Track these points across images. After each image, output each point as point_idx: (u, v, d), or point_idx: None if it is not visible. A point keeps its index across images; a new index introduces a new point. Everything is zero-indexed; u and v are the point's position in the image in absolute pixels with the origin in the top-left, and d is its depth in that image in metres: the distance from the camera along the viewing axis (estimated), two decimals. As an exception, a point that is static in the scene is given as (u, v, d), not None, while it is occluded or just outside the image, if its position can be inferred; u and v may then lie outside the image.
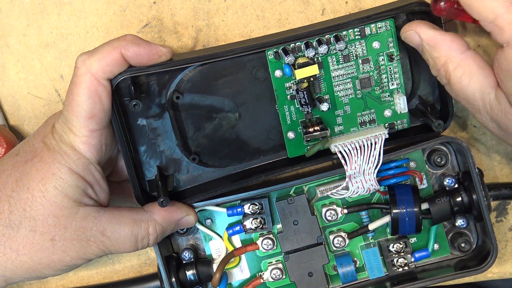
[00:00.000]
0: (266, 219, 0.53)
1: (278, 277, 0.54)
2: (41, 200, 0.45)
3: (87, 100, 0.45)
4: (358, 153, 0.50)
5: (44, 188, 0.45)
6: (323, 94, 0.51)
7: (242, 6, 0.54)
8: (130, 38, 0.46)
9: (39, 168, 0.45)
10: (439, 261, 0.55)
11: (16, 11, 0.54)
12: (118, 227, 0.47)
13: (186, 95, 0.51)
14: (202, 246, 0.55)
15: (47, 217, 0.45)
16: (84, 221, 0.46)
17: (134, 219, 0.48)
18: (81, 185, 0.46)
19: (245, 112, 0.52)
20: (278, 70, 0.50)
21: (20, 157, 0.46)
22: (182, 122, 0.51)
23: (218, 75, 0.50)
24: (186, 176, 0.53)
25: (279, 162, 0.53)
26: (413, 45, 0.47)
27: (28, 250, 0.45)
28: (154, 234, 0.49)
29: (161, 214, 0.49)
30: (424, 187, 0.54)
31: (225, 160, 0.53)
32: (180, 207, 0.51)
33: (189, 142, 0.52)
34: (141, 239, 0.48)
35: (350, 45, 0.50)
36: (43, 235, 0.45)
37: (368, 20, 0.48)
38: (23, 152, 0.47)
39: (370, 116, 0.52)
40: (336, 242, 0.54)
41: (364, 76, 0.50)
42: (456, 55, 0.45)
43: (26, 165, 0.46)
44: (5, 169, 0.46)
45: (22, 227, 0.45)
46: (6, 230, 0.45)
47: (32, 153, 0.46)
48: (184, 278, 0.53)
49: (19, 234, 0.45)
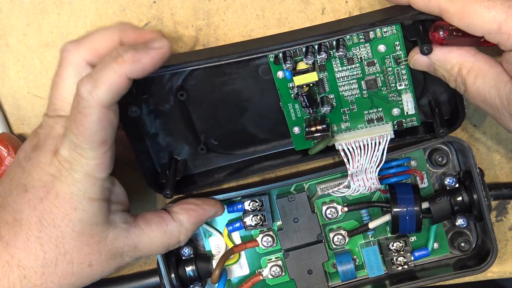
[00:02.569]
0: (266, 216, 0.53)
1: (277, 274, 0.54)
2: (70, 235, 0.44)
3: (100, 130, 0.43)
4: (361, 152, 0.50)
5: (70, 223, 0.44)
6: (328, 94, 0.50)
7: (242, 6, 0.53)
8: (130, 58, 0.42)
9: (58, 205, 0.44)
10: (439, 260, 0.55)
11: (16, 11, 0.54)
12: (149, 241, 0.47)
13: (191, 91, 0.51)
14: (201, 242, 0.55)
15: (80, 249, 0.45)
16: (115, 242, 0.46)
17: (164, 232, 0.48)
18: (104, 207, 0.45)
19: (251, 106, 0.52)
20: (280, 71, 0.50)
21: (32, 195, 0.45)
22: (190, 115, 0.52)
23: (222, 72, 0.50)
24: (194, 164, 0.54)
25: (287, 152, 0.53)
26: (424, 68, 0.47)
27: (69, 280, 0.45)
28: (185, 240, 0.49)
29: (190, 221, 0.49)
30: (424, 186, 0.54)
31: (233, 150, 0.53)
32: (206, 208, 0.50)
33: (197, 133, 0.52)
34: (172, 246, 0.49)
35: (354, 48, 0.49)
36: (81, 264, 0.45)
37: (372, 27, 0.47)
38: (31, 188, 0.45)
39: (377, 114, 0.51)
40: (336, 240, 0.54)
41: (370, 78, 0.50)
42: (467, 59, 0.44)
43: (43, 203, 0.44)
44: (21, 209, 0.44)
45: (59, 263, 0.45)
46: (45, 269, 0.44)
47: (43, 188, 0.44)
48: (183, 274, 0.53)
49: (58, 270, 0.45)
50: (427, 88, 0.52)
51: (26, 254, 0.44)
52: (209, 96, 0.51)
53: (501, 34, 0.41)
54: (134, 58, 0.42)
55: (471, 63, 0.44)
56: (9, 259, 0.44)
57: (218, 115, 0.52)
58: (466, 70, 0.45)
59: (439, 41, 0.44)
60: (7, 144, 0.52)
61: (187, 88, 0.51)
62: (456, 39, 0.44)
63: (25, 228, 0.44)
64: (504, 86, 0.43)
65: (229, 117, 0.52)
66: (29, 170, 0.45)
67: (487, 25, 0.41)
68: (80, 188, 0.44)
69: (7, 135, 0.54)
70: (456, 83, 0.46)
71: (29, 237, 0.44)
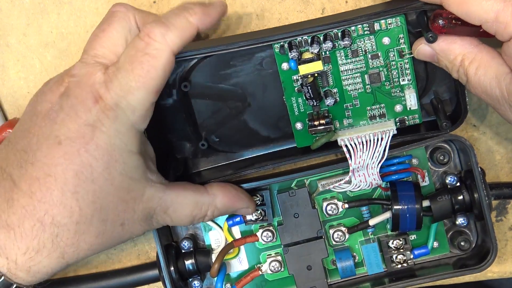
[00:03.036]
0: (266, 211, 0.53)
1: (276, 270, 0.54)
2: (108, 189, 0.43)
3: (162, 75, 0.42)
4: (364, 148, 0.50)
5: (109, 176, 0.42)
6: (331, 88, 0.51)
7: (242, 6, 0.53)
8: (200, 10, 0.44)
9: (98, 157, 0.42)
10: (438, 259, 0.55)
11: (16, 11, 0.54)
12: (180, 207, 0.47)
13: (194, 83, 0.51)
14: (201, 236, 0.55)
15: (116, 205, 0.43)
16: (150, 202, 0.45)
17: (196, 202, 0.47)
18: (142, 163, 0.44)
19: (254, 101, 0.52)
20: (285, 63, 0.50)
21: (68, 147, 0.42)
22: (192, 108, 0.51)
23: (226, 65, 0.50)
24: (196, 161, 0.53)
25: (288, 151, 0.53)
26: (428, 58, 0.47)
27: (100, 240, 0.44)
28: (211, 216, 0.49)
29: (223, 201, 0.49)
30: (425, 184, 0.54)
31: (234, 147, 0.53)
32: (242, 198, 0.50)
33: (199, 128, 0.52)
34: (197, 219, 0.48)
35: (359, 40, 0.49)
36: (114, 222, 0.44)
37: (377, 16, 0.48)
38: (66, 139, 0.42)
39: (380, 110, 0.51)
40: (336, 236, 0.54)
41: (373, 71, 0.50)
42: (470, 50, 0.45)
43: (80, 156, 0.42)
44: (55, 163, 0.42)
45: (94, 220, 0.43)
46: (79, 226, 0.43)
47: (81, 139, 0.42)
48: (182, 267, 0.53)
49: (92, 228, 0.43)
50: (429, 87, 0.52)
51: (60, 210, 0.42)
52: (212, 90, 0.51)
53: (498, 23, 0.41)
54: (203, 11, 0.44)
55: (474, 54, 0.45)
56: (41, 217, 0.42)
57: (221, 110, 0.52)
58: (469, 61, 0.45)
59: (438, 29, 0.45)
60: None
61: (191, 79, 0.50)
62: (455, 28, 0.44)
63: (60, 182, 0.42)
64: (505, 77, 0.44)
65: (231, 112, 0.52)
66: (63, 120, 0.42)
67: (485, 13, 0.41)
68: (122, 140, 0.42)
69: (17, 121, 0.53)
70: (458, 73, 0.46)
71: (64, 192, 0.42)
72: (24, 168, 0.43)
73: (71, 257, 0.44)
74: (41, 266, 0.43)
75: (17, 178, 0.43)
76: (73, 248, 0.43)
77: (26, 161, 0.43)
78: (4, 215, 0.42)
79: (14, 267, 0.42)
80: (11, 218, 0.42)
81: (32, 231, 0.42)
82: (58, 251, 0.43)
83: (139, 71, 0.41)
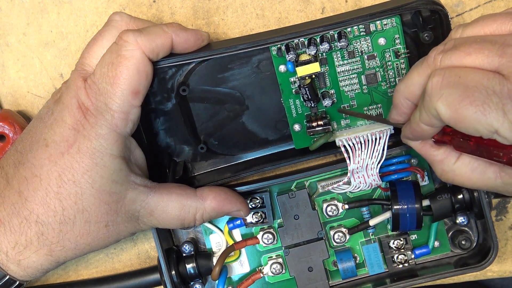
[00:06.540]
0: (267, 213, 0.53)
1: (278, 272, 0.54)
2: (90, 192, 0.44)
3: (136, 75, 0.44)
4: (362, 148, 0.50)
5: (90, 179, 0.44)
6: (328, 89, 0.51)
7: (242, 5, 0.54)
8: (177, 25, 0.46)
9: (79, 160, 0.44)
10: (439, 258, 0.55)
11: (16, 10, 0.54)
12: (166, 210, 0.47)
13: (192, 87, 0.51)
14: (202, 239, 0.55)
15: (98, 207, 0.45)
16: (133, 205, 0.46)
17: (182, 205, 0.47)
18: (125, 166, 0.45)
19: (252, 103, 0.52)
20: (282, 65, 0.50)
21: (53, 149, 0.44)
22: (191, 112, 0.52)
23: (224, 68, 0.51)
24: (195, 164, 0.54)
25: (287, 153, 0.53)
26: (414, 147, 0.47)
27: (85, 240, 0.46)
28: (200, 221, 0.49)
29: (213, 204, 0.49)
30: (425, 184, 0.54)
31: (233, 150, 0.53)
32: (233, 201, 0.50)
33: (197, 132, 0.52)
34: (188, 222, 0.48)
35: (355, 41, 0.49)
36: (98, 224, 0.45)
37: (372, 18, 0.48)
38: (52, 142, 0.44)
39: (377, 110, 0.51)
40: (337, 237, 0.54)
41: (370, 72, 0.50)
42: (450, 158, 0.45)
43: (63, 158, 0.44)
44: (41, 164, 0.44)
45: (77, 221, 0.45)
46: (63, 226, 0.45)
47: (65, 143, 0.44)
48: (184, 271, 0.53)
49: (75, 228, 0.45)
50: None
51: (44, 209, 0.44)
52: (211, 93, 0.51)
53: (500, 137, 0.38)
54: (180, 26, 0.46)
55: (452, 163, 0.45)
56: (27, 215, 0.44)
57: (219, 113, 0.52)
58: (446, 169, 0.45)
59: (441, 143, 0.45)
60: (12, 122, 0.52)
61: (189, 83, 0.51)
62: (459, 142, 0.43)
63: (44, 183, 0.44)
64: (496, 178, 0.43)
65: (229, 115, 0.52)
66: (51, 124, 0.45)
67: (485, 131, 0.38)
68: (102, 144, 0.44)
69: (9, 112, 0.53)
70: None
71: (48, 193, 0.44)
72: (17, 167, 0.46)
73: (59, 256, 0.46)
74: (30, 261, 0.45)
75: (10, 177, 0.46)
76: (59, 246, 0.45)
77: (20, 161, 0.46)
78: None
79: (6, 259, 0.45)
80: (2, 214, 0.45)
81: (20, 227, 0.45)
82: (46, 249, 0.45)
83: (113, 72, 0.43)
